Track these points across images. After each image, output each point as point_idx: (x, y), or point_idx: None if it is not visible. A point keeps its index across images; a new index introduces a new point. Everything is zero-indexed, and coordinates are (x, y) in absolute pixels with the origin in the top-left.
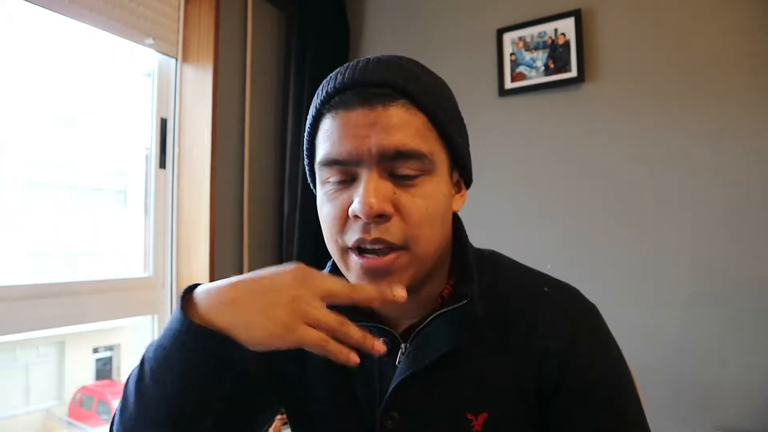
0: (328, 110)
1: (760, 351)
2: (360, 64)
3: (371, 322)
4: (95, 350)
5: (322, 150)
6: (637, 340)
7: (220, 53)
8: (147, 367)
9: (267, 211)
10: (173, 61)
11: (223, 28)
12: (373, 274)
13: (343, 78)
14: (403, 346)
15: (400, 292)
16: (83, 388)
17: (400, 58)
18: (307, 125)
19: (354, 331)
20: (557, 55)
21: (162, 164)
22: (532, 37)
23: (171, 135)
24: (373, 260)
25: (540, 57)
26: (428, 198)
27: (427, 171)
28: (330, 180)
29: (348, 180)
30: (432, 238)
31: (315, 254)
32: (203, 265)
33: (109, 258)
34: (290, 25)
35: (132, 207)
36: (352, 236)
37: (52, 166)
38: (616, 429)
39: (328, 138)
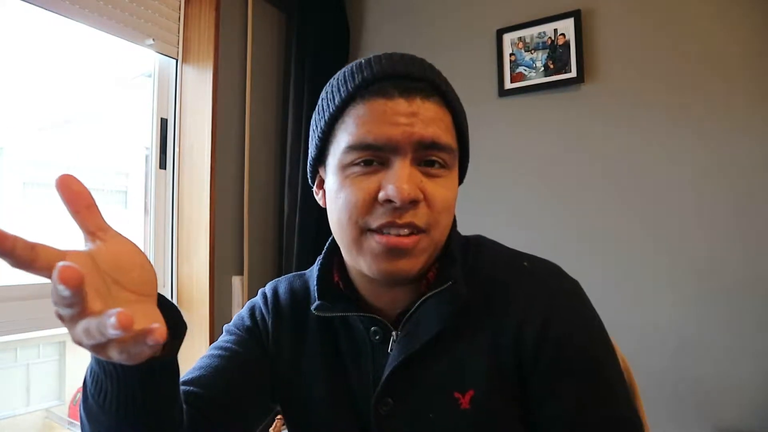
0: (362, 97)
1: (761, 351)
2: (395, 57)
3: (361, 312)
4: None
5: (353, 134)
6: (637, 340)
7: (220, 53)
8: (89, 402)
9: (267, 211)
10: (173, 61)
11: (223, 28)
12: (393, 252)
13: (381, 67)
14: (394, 333)
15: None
16: None
17: (421, 58)
18: (327, 111)
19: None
20: (557, 55)
21: (162, 165)
22: (531, 37)
23: (171, 135)
24: (396, 239)
25: (540, 57)
26: (448, 189)
27: (449, 165)
28: (356, 164)
29: (376, 164)
30: (447, 225)
31: (315, 254)
32: (203, 265)
33: None
34: (290, 25)
35: (132, 207)
36: (378, 219)
37: (52, 166)
38: (597, 401)
39: (362, 123)
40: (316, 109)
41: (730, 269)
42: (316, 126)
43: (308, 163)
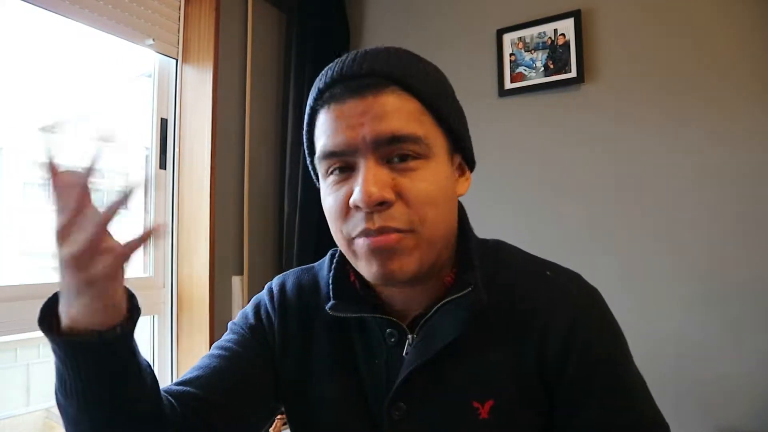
0: (321, 106)
1: (761, 351)
2: (348, 58)
3: (377, 313)
4: None
5: (320, 144)
6: (637, 340)
7: (220, 53)
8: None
9: (267, 211)
10: (173, 61)
11: (223, 28)
12: (380, 253)
13: (333, 73)
14: (410, 336)
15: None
16: None
17: (388, 48)
18: (305, 123)
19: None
20: (557, 55)
21: (162, 165)
22: (531, 37)
23: (171, 135)
24: (377, 239)
25: (540, 57)
26: (428, 181)
27: (425, 155)
28: (330, 172)
29: (348, 170)
30: (437, 220)
31: (315, 254)
32: (203, 265)
33: None
34: (290, 25)
35: (132, 207)
36: (357, 226)
37: None
38: (625, 406)
39: (324, 132)
40: None
41: (732, 270)
42: (303, 136)
43: (309, 166)
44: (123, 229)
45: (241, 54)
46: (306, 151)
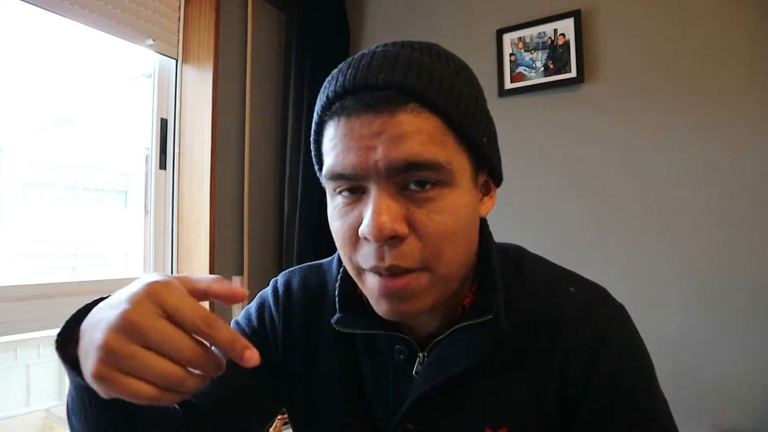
0: (330, 117)
1: (760, 351)
2: (363, 63)
3: (387, 329)
4: None
5: (328, 161)
6: None
7: (220, 53)
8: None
9: (267, 211)
10: (173, 61)
11: (223, 28)
12: (390, 296)
13: (344, 80)
14: (420, 355)
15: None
16: None
17: (411, 46)
18: (312, 131)
19: (222, 333)
20: (557, 55)
21: (162, 165)
22: (531, 37)
23: (171, 135)
24: (389, 281)
25: (540, 57)
26: (447, 213)
27: (445, 182)
28: (338, 193)
29: (359, 192)
30: (454, 257)
31: (315, 254)
32: (203, 265)
33: (110, 258)
34: (290, 25)
35: (132, 207)
36: (367, 260)
37: (52, 166)
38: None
39: (332, 149)
40: None
41: (729, 269)
42: (311, 141)
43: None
44: (123, 230)
45: (241, 54)
46: (314, 159)
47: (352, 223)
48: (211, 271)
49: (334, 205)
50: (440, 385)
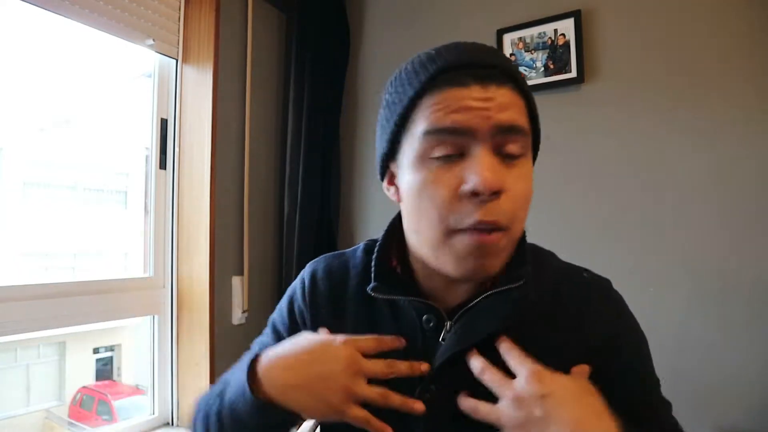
0: (438, 87)
1: (759, 351)
2: (467, 46)
3: (418, 297)
4: (95, 350)
5: (430, 120)
6: None
7: (220, 53)
8: (225, 420)
9: (267, 211)
10: (173, 61)
11: (223, 28)
12: (480, 251)
13: (454, 57)
14: (448, 323)
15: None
16: (83, 389)
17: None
18: (400, 104)
19: (394, 399)
20: (557, 55)
21: (162, 165)
22: (531, 37)
23: (171, 135)
24: (485, 236)
25: (540, 58)
26: (527, 179)
27: (525, 153)
28: (434, 155)
29: (455, 156)
30: (522, 223)
31: (315, 254)
32: (203, 265)
33: (110, 258)
34: (290, 25)
35: (132, 207)
36: (468, 216)
37: (52, 166)
38: (649, 393)
39: (439, 109)
40: (384, 103)
41: (729, 269)
42: (388, 120)
43: (378, 158)
44: (123, 230)
45: (241, 54)
46: (391, 127)
47: (452, 184)
48: (211, 272)
49: (428, 170)
50: (466, 350)
